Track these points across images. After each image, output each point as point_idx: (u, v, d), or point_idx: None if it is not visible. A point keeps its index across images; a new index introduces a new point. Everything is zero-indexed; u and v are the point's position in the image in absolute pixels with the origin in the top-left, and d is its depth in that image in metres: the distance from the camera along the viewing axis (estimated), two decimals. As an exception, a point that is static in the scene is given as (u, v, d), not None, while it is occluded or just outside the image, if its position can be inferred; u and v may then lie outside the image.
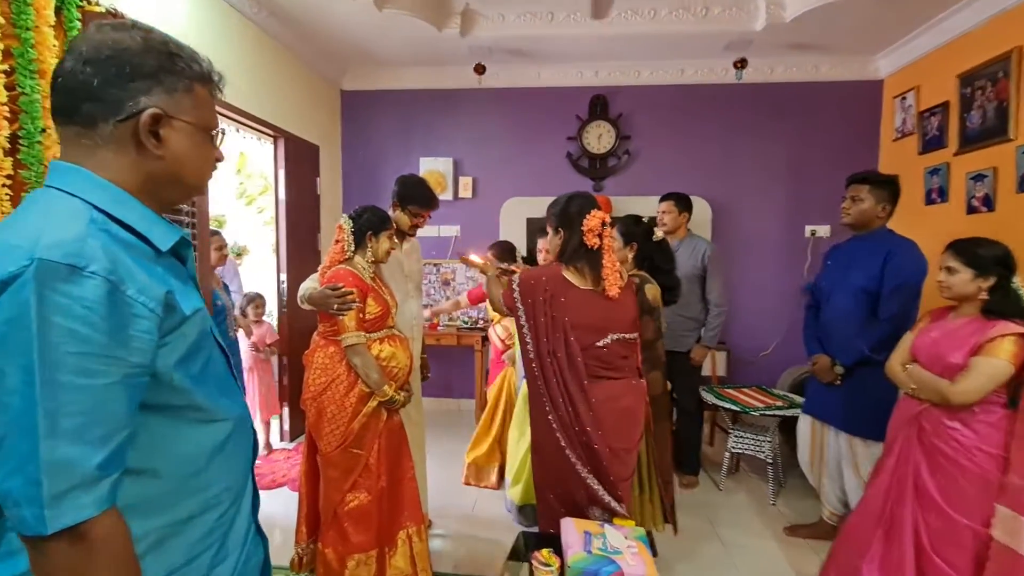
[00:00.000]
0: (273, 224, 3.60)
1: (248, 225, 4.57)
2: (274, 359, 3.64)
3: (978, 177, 3.06)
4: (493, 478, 3.05)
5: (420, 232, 2.45)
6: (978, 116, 3.08)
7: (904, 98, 3.71)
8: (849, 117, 4.01)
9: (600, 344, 1.59)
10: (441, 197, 4.46)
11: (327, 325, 1.94)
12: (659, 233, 2.13)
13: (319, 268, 2.01)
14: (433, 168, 4.28)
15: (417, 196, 2.25)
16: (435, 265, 4.40)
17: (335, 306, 1.83)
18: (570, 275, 1.62)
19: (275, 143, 3.52)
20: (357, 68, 4.28)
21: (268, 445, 3.54)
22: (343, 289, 1.86)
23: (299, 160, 3.73)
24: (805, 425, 2.45)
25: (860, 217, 2.26)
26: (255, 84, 3.24)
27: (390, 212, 2.27)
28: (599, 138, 4.18)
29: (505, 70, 4.16)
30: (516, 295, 1.67)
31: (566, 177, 4.22)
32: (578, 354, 1.56)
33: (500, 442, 3.06)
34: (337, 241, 1.99)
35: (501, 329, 3.09)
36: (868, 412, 2.12)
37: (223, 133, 0.84)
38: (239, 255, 4.58)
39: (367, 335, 1.92)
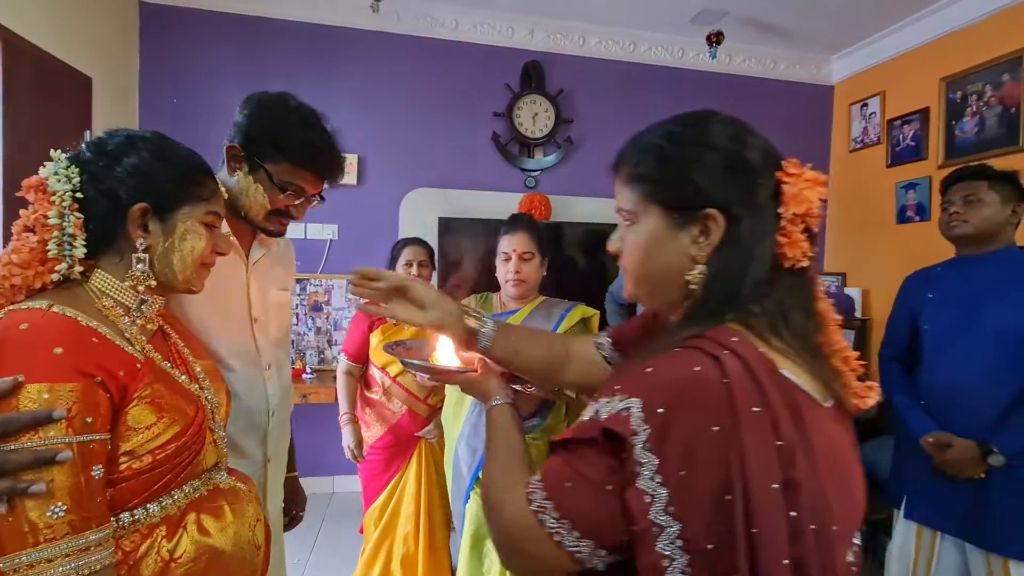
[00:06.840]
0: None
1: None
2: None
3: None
4: None
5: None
6: (972, 124, 2.73)
7: (865, 104, 3.35)
8: (799, 123, 3.57)
9: (851, 559, 0.56)
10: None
11: None
12: None
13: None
14: (298, 137, 2.88)
15: (295, 137, 0.93)
16: (299, 282, 2.97)
17: None
18: (784, 362, 0.54)
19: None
20: (171, -30, 2.74)
21: None
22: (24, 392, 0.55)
23: (46, 92, 2.10)
24: (907, 537, 1.65)
25: (984, 226, 1.58)
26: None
27: (223, 173, 0.99)
28: (534, 118, 3.18)
29: (409, 9, 2.97)
30: (659, 455, 0.48)
31: (490, 164, 3.16)
32: None
33: None
34: (27, 229, 0.66)
35: (414, 383, 1.82)
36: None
37: None
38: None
39: (131, 517, 0.63)
